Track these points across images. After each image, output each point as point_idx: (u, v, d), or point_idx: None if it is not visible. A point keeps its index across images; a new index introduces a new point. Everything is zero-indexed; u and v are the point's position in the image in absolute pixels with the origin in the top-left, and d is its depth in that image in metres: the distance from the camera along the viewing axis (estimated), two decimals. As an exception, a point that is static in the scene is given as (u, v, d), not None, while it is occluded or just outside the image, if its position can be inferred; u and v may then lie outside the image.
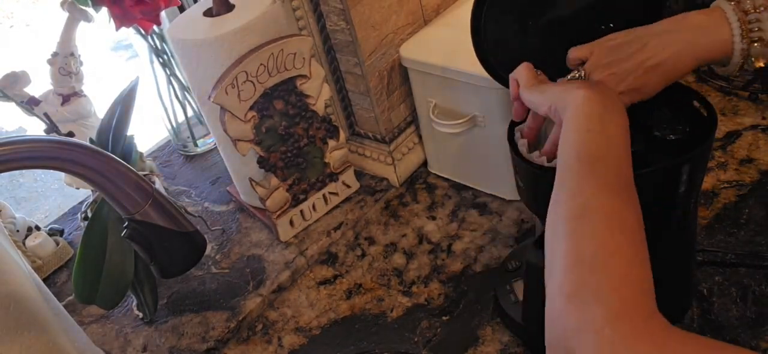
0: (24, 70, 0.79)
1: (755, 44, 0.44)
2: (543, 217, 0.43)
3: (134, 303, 0.76)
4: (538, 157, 0.50)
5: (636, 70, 0.47)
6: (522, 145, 0.52)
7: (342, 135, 0.79)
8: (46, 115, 0.80)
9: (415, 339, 0.67)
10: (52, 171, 0.55)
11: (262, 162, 0.74)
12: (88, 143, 0.47)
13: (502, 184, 0.77)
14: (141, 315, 0.75)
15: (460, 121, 0.73)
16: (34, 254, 0.84)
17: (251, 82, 0.69)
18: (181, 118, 0.99)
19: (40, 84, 0.83)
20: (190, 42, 0.69)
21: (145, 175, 0.71)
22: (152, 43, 0.89)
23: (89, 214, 0.73)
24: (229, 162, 0.83)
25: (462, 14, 0.81)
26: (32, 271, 0.58)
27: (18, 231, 0.85)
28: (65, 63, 0.82)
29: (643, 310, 0.33)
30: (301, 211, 0.80)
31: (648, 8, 0.61)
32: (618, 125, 0.40)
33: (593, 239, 0.36)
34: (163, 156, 1.05)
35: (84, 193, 0.89)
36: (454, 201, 0.82)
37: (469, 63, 0.62)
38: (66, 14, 0.81)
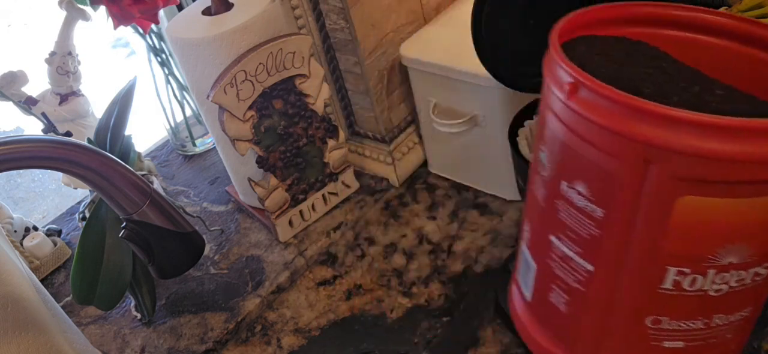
0: (22, 70, 0.79)
1: None
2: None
3: (132, 304, 0.75)
4: None
5: None
6: (523, 145, 0.52)
7: (341, 135, 0.79)
8: (43, 114, 0.79)
9: (415, 340, 0.66)
10: (50, 171, 0.55)
11: (261, 162, 0.74)
12: (86, 143, 0.46)
13: (503, 184, 0.77)
14: (139, 316, 0.75)
15: (461, 120, 0.73)
16: (32, 255, 0.83)
17: (250, 81, 0.68)
18: (179, 117, 0.98)
19: (38, 83, 0.83)
20: (188, 41, 0.68)
21: (143, 175, 0.71)
22: (150, 43, 0.89)
23: (87, 215, 0.73)
24: (228, 162, 0.82)
25: (462, 13, 0.81)
26: (30, 271, 0.58)
27: (15, 231, 0.84)
28: (63, 62, 0.82)
29: None
30: (301, 212, 0.80)
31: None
32: None
33: None
34: (161, 156, 1.05)
35: (82, 193, 0.89)
36: (454, 201, 0.81)
37: (470, 62, 0.62)
38: (64, 13, 0.81)
